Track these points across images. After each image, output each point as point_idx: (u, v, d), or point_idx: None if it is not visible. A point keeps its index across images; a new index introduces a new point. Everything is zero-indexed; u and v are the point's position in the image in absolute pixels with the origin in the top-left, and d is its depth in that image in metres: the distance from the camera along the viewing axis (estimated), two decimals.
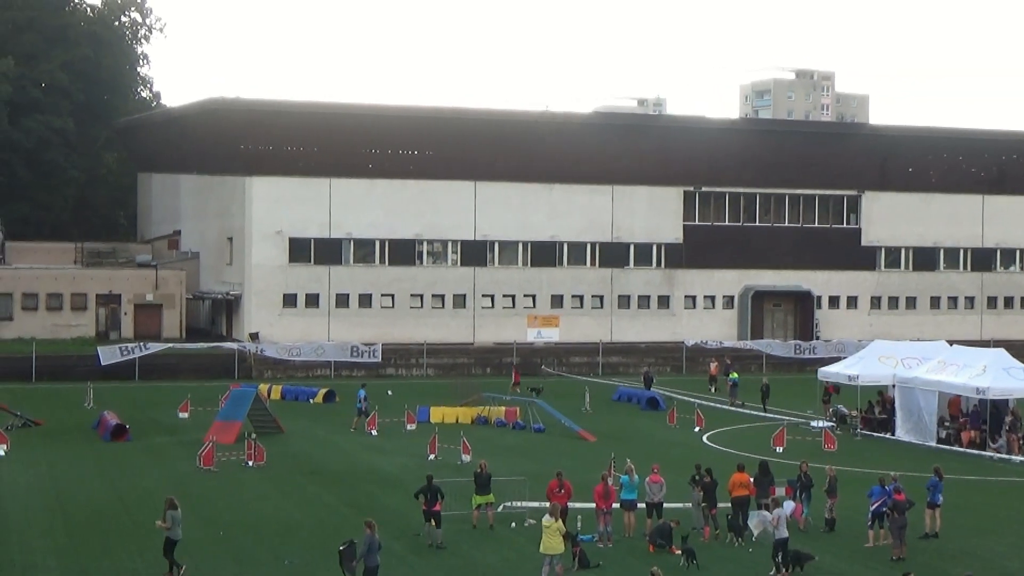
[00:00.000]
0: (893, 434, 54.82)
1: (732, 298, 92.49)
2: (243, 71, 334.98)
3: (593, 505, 33.92)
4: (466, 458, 46.19)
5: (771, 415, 61.95)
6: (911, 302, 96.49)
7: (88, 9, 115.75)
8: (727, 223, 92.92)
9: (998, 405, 52.05)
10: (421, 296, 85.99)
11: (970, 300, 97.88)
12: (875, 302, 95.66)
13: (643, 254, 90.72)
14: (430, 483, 33.82)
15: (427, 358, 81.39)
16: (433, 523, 33.37)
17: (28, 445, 49.71)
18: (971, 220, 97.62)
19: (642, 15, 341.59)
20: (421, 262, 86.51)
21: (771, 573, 30.40)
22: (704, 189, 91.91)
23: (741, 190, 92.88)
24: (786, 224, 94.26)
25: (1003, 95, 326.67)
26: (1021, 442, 50.81)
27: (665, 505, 35.33)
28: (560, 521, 29.91)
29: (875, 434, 55.70)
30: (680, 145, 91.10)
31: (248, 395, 53.13)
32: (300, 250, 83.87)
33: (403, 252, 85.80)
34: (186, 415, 58.65)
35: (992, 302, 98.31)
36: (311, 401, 66.29)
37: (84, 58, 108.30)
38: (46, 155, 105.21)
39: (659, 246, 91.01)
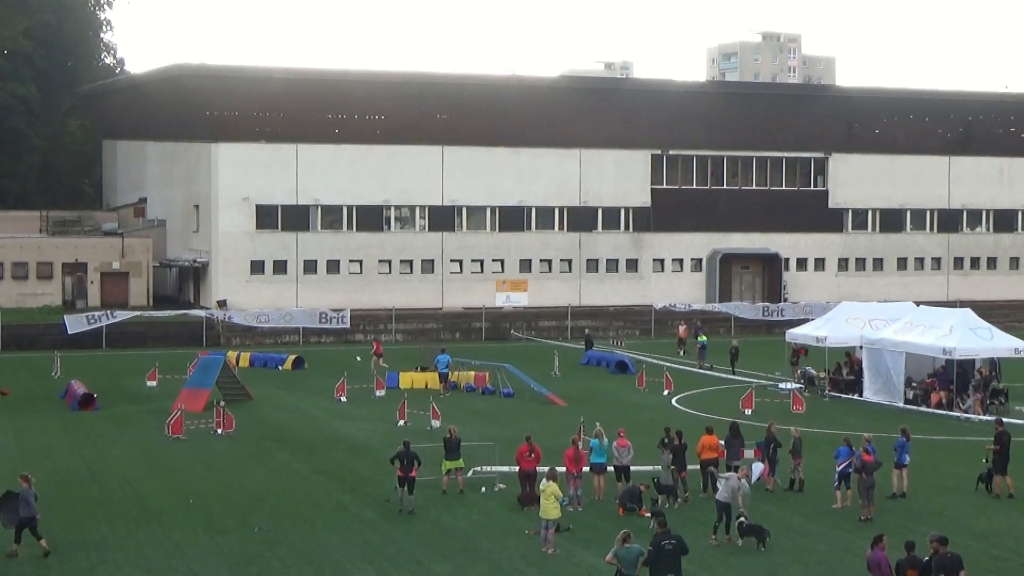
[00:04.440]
0: (861, 395, 55.03)
1: (700, 261, 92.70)
2: (207, 36, 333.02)
3: (563, 469, 33.91)
4: (435, 423, 46.19)
5: (740, 377, 62.15)
6: (878, 263, 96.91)
7: None
8: (695, 186, 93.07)
9: (964, 365, 52.37)
10: (389, 262, 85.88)
11: (936, 261, 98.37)
12: (842, 264, 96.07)
13: (611, 218, 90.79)
14: (407, 449, 33.72)
15: (396, 323, 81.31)
16: (406, 489, 33.32)
17: None
18: (937, 181, 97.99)
19: None
20: (389, 228, 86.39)
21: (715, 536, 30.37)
22: (671, 152, 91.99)
23: (708, 153, 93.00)
24: (753, 187, 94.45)
25: (969, 56, 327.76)
26: (986, 402, 51.10)
27: (635, 468, 35.41)
28: (553, 483, 29.89)
29: (843, 395, 55.91)
30: (647, 109, 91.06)
31: (216, 363, 52.95)
32: (267, 217, 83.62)
33: (371, 218, 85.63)
34: (154, 383, 58.44)
35: (958, 263, 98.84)
36: (280, 368, 66.09)
37: (46, 24, 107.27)
38: (9, 123, 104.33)
39: (627, 210, 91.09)
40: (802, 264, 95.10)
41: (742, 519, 30.15)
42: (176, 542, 30.24)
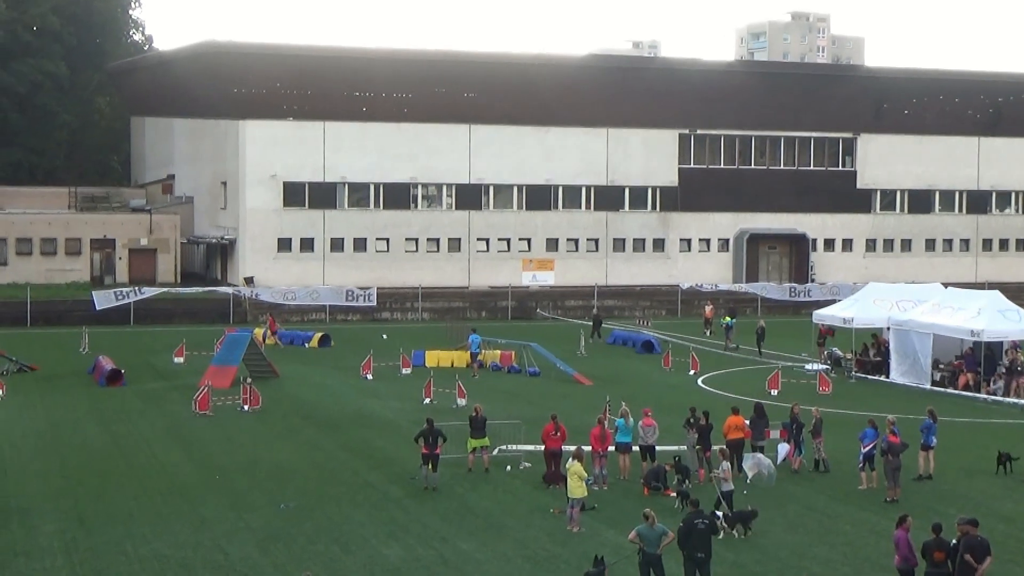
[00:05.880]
0: (888, 377, 54.86)
1: (727, 241, 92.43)
2: (236, 14, 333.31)
3: (588, 448, 33.92)
4: (461, 402, 46.25)
5: (766, 358, 62.01)
6: (906, 244, 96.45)
7: None
8: (722, 166, 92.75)
9: (992, 348, 52.15)
10: (416, 240, 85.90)
11: (965, 242, 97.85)
12: (870, 244, 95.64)
13: (638, 197, 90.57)
14: (431, 426, 33.77)
15: (422, 302, 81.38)
16: (431, 466, 33.39)
17: (24, 390, 49.74)
18: (967, 162, 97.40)
19: None
20: (416, 206, 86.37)
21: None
22: (699, 132, 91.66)
23: (736, 133, 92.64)
24: (781, 167, 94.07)
25: (999, 36, 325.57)
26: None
27: (660, 448, 35.41)
28: (577, 463, 29.89)
29: (870, 377, 55.75)
30: (675, 88, 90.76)
31: (243, 339, 53.08)
32: (294, 194, 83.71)
33: (398, 196, 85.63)
34: (181, 360, 58.66)
35: (987, 244, 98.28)
36: (306, 345, 66.29)
37: (75, 1, 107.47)
38: (38, 99, 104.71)
39: (654, 189, 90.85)
40: (830, 245, 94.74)
41: (725, 513, 29.60)
42: (203, 517, 30.39)
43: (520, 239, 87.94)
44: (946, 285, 60.40)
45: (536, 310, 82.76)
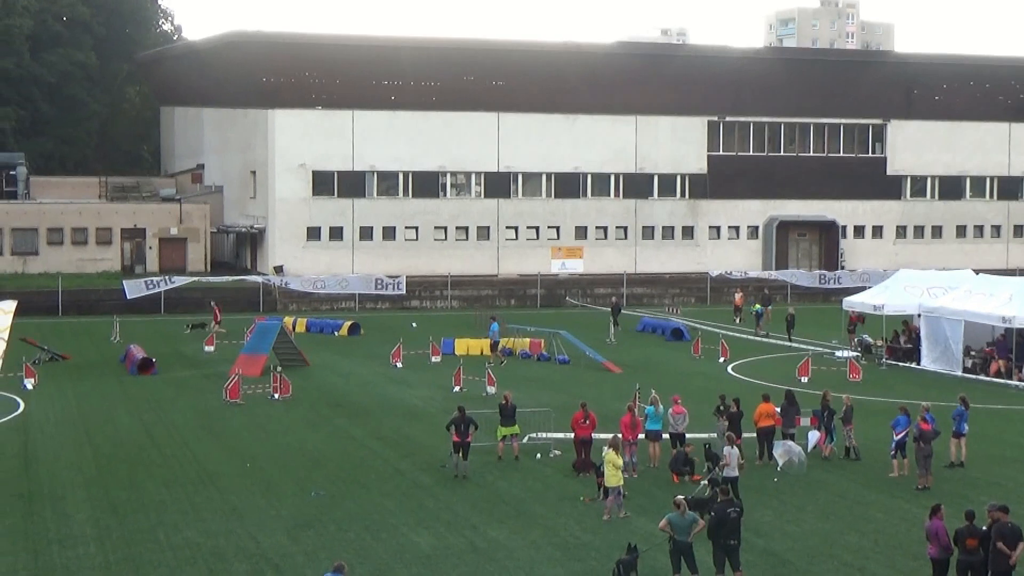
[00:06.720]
0: (919, 364, 54.63)
1: (757, 228, 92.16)
2: (264, 3, 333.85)
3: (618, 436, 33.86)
4: (491, 390, 46.27)
5: (796, 345, 61.84)
6: (937, 231, 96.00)
7: None
8: (751, 153, 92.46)
9: None
10: (445, 228, 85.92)
11: (996, 229, 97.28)
12: (900, 231, 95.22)
13: (667, 185, 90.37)
14: (463, 414, 33.75)
15: (451, 290, 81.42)
16: (461, 454, 33.41)
17: (55, 379, 50.00)
18: (997, 148, 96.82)
19: None
20: (445, 194, 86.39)
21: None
22: (728, 119, 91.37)
23: (765, 120, 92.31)
24: (811, 153, 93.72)
25: None
26: None
27: (691, 435, 35.32)
28: (612, 451, 29.84)
29: (901, 364, 55.51)
30: (704, 75, 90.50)
31: (273, 328, 53.24)
32: (323, 183, 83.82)
33: (427, 184, 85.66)
34: (212, 348, 58.87)
35: (1018, 230, 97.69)
36: (336, 334, 66.40)
37: None
38: (68, 89, 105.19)
39: (683, 176, 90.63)
40: (860, 232, 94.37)
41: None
42: (234, 505, 30.49)
43: (549, 227, 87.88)
44: (977, 271, 60.14)
45: (565, 298, 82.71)
